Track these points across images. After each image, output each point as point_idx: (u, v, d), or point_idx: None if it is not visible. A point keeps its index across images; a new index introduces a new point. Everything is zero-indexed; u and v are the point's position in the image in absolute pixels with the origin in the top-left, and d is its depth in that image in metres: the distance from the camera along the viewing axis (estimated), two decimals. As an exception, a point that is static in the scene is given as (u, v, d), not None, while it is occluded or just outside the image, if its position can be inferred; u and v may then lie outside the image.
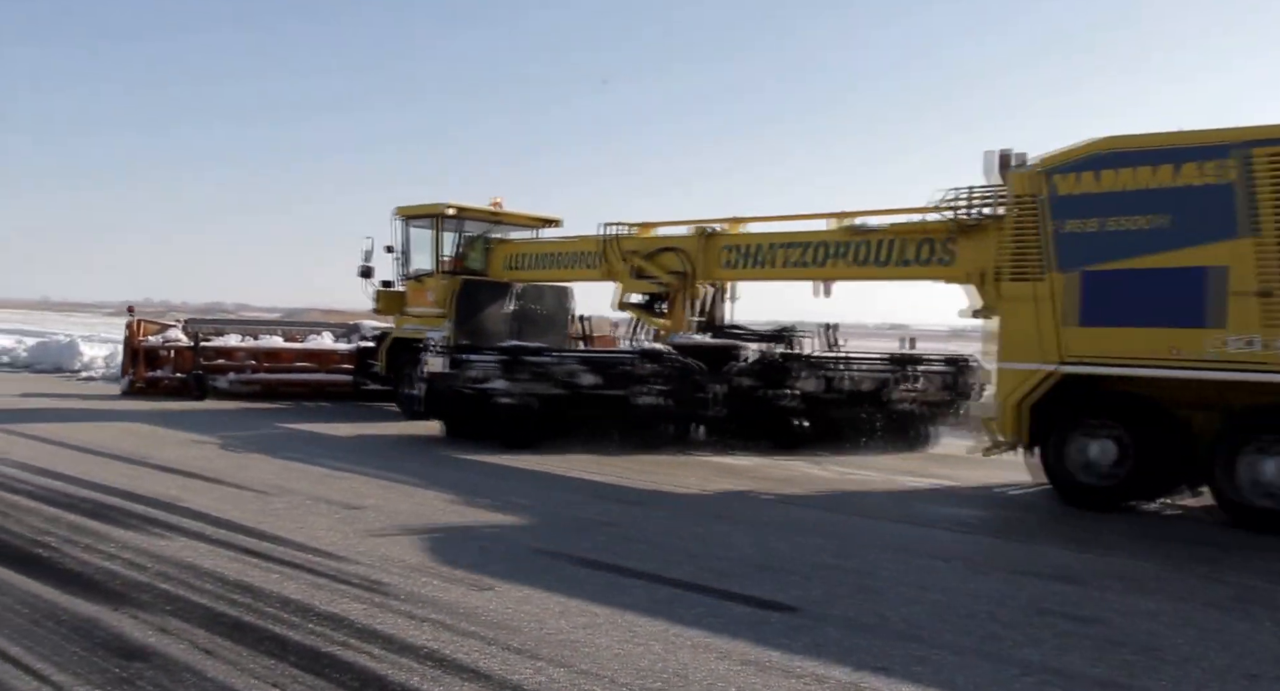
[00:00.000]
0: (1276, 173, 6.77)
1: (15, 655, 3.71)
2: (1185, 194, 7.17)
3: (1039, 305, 7.80)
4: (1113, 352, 7.49)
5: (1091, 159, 7.62)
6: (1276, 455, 6.85)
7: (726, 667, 3.87)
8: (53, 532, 5.61)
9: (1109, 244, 7.48)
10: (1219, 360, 6.98)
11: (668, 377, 10.47)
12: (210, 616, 4.24)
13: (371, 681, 3.59)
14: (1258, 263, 6.83)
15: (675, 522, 6.70)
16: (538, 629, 4.24)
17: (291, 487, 7.28)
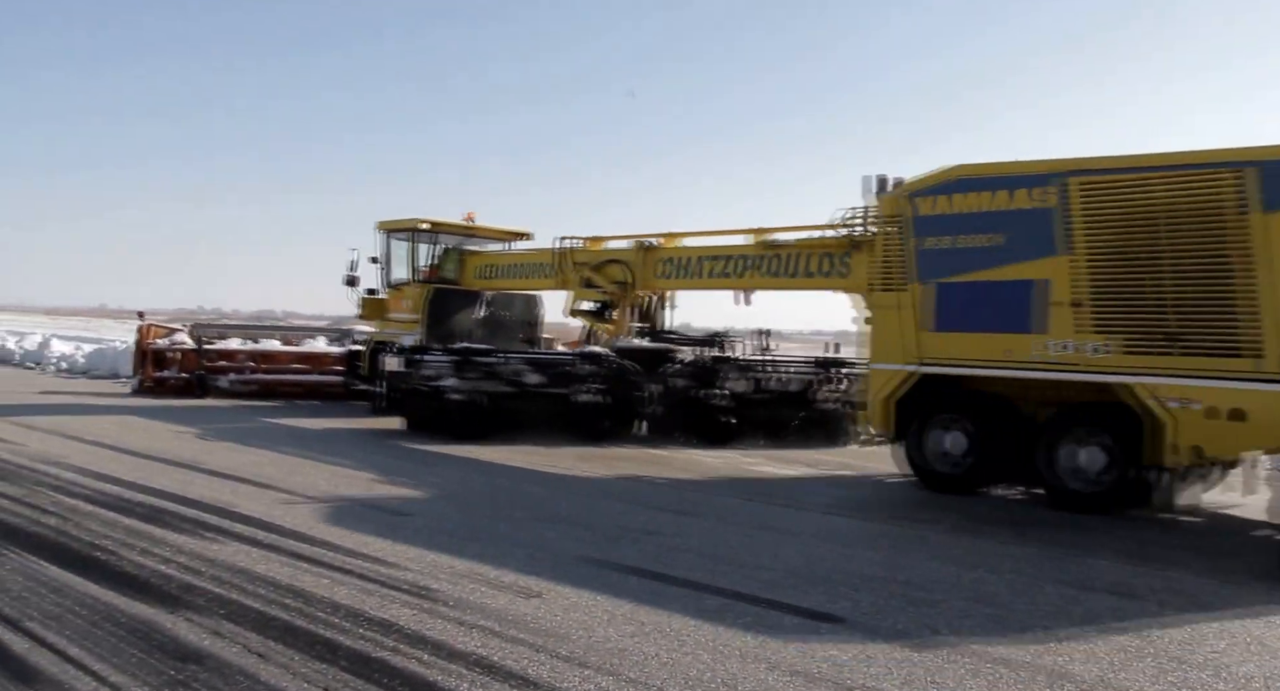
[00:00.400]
0: (1086, 199, 7.76)
1: (75, 656, 3.78)
2: (1017, 216, 8.12)
3: (902, 313, 8.78)
4: (961, 355, 8.45)
5: (946, 184, 8.58)
6: (1088, 445, 7.81)
7: (775, 678, 3.83)
8: (110, 536, 5.72)
9: (959, 259, 8.44)
10: (1042, 362, 7.96)
11: (605, 377, 11.61)
12: (263, 620, 4.29)
13: (421, 687, 3.61)
14: (1071, 277, 7.81)
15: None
16: (585, 636, 4.23)
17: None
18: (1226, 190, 7.26)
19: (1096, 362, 7.73)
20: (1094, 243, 7.78)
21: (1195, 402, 7.29)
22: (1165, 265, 7.50)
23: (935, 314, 8.60)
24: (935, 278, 8.60)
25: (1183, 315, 7.43)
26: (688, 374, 11.92)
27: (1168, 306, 7.50)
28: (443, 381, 11.44)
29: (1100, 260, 7.77)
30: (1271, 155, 7.15)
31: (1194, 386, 7.31)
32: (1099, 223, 7.77)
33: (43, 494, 6.91)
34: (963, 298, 8.46)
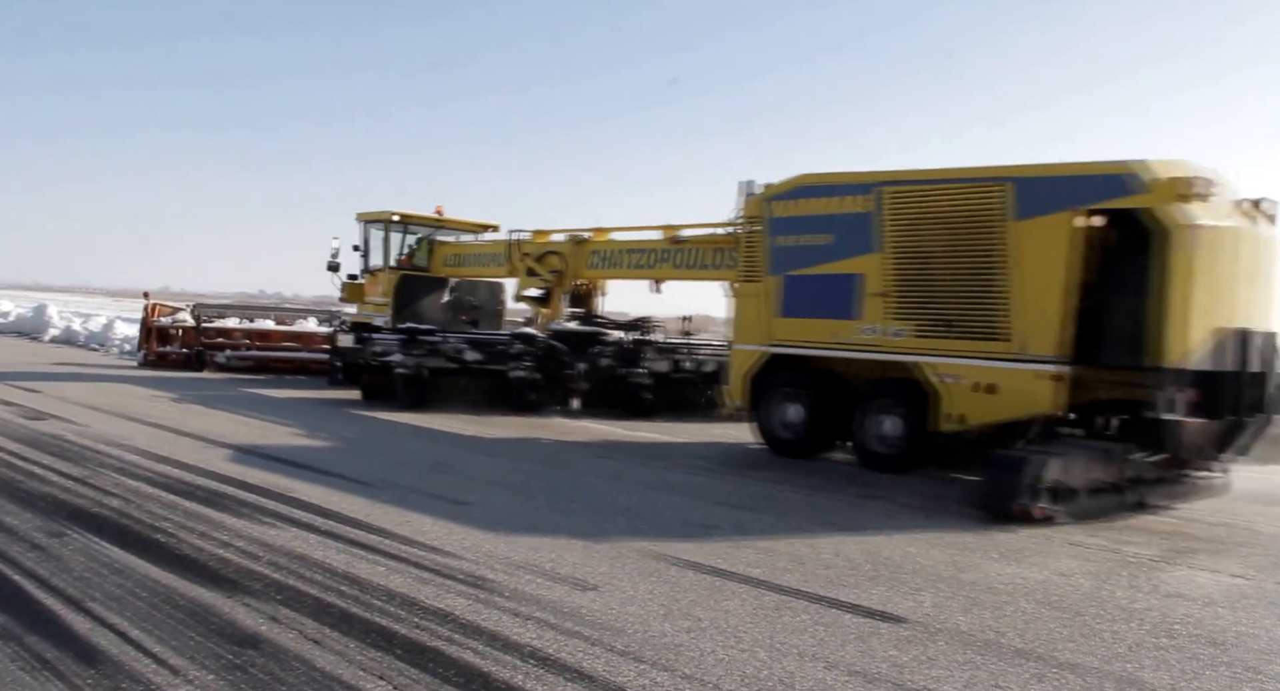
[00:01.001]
0: (893, 206, 9.02)
1: (135, 638, 3.81)
2: (845, 219, 9.38)
3: (759, 301, 10.05)
4: (801, 338, 9.76)
5: (795, 190, 9.86)
6: (889, 414, 9.09)
7: (834, 677, 3.73)
8: (170, 518, 5.79)
9: (802, 255, 9.73)
10: (858, 343, 9.26)
11: (537, 356, 12.97)
12: (319, 606, 4.29)
13: (476, 677, 3.57)
14: (881, 272, 9.08)
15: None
16: (642, 631, 4.16)
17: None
18: (993, 201, 8.46)
19: (896, 344, 9.02)
20: (897, 242, 9.03)
21: (963, 378, 8.56)
22: (946, 262, 8.77)
23: (783, 302, 9.90)
24: (784, 271, 9.88)
25: (957, 305, 8.68)
26: (613, 354, 13.19)
27: (947, 297, 8.76)
28: (391, 357, 12.88)
29: (901, 257, 9.02)
30: (1023, 173, 8.39)
31: (962, 365, 8.58)
32: (901, 226, 9.02)
33: (105, 475, 7.03)
34: (803, 288, 9.76)
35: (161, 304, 19.03)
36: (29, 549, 4.98)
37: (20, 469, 7.13)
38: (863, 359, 9.34)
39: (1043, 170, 8.40)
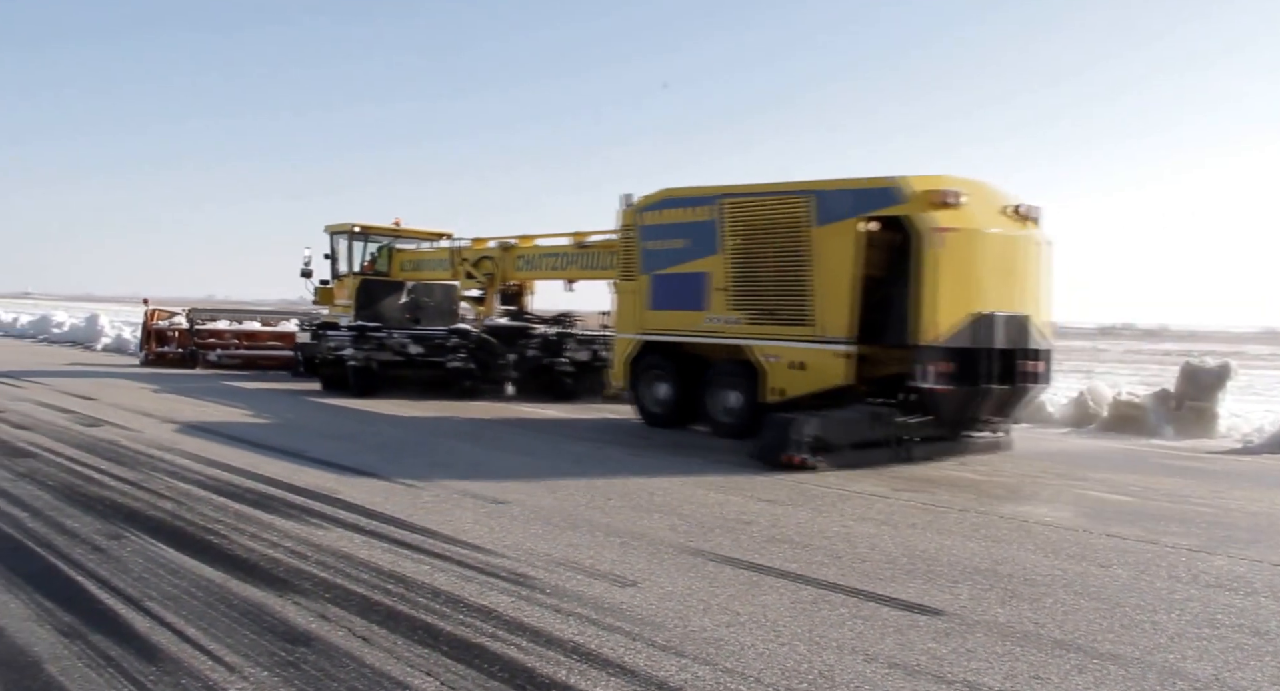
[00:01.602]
0: (730, 214, 10.64)
1: (192, 636, 3.94)
2: (697, 226, 10.98)
3: (634, 296, 11.72)
4: (666, 327, 11.41)
5: (661, 202, 11.48)
6: (732, 390, 10.75)
7: (874, 670, 3.77)
8: (222, 520, 5.96)
9: (665, 257, 11.34)
10: (707, 331, 10.89)
11: (470, 349, 14.82)
12: (366, 604, 4.41)
13: (520, 673, 3.65)
14: (723, 270, 10.72)
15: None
16: (681, 626, 4.23)
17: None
18: (799, 211, 10.04)
19: (733, 331, 10.67)
20: (732, 246, 10.66)
21: (781, 358, 10.18)
22: (767, 262, 10.39)
23: (651, 297, 11.53)
24: (652, 271, 11.50)
25: (775, 297, 10.28)
26: (538, 346, 15.09)
27: (768, 291, 10.36)
28: (343, 351, 14.73)
29: (735, 258, 10.64)
30: (821, 187, 9.91)
31: (780, 346, 10.21)
32: (735, 231, 10.64)
33: (159, 479, 7.24)
34: (667, 285, 11.36)
35: (160, 309, 21.27)
36: (90, 551, 5.17)
37: (80, 474, 7.37)
38: (710, 344, 11.00)
39: (835, 185, 9.92)
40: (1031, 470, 9.25)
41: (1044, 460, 10.01)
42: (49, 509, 6.14)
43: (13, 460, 7.86)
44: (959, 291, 9.22)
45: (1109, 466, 9.75)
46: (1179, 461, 10.34)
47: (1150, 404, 12.91)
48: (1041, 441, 11.84)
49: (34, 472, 7.35)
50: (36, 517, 5.90)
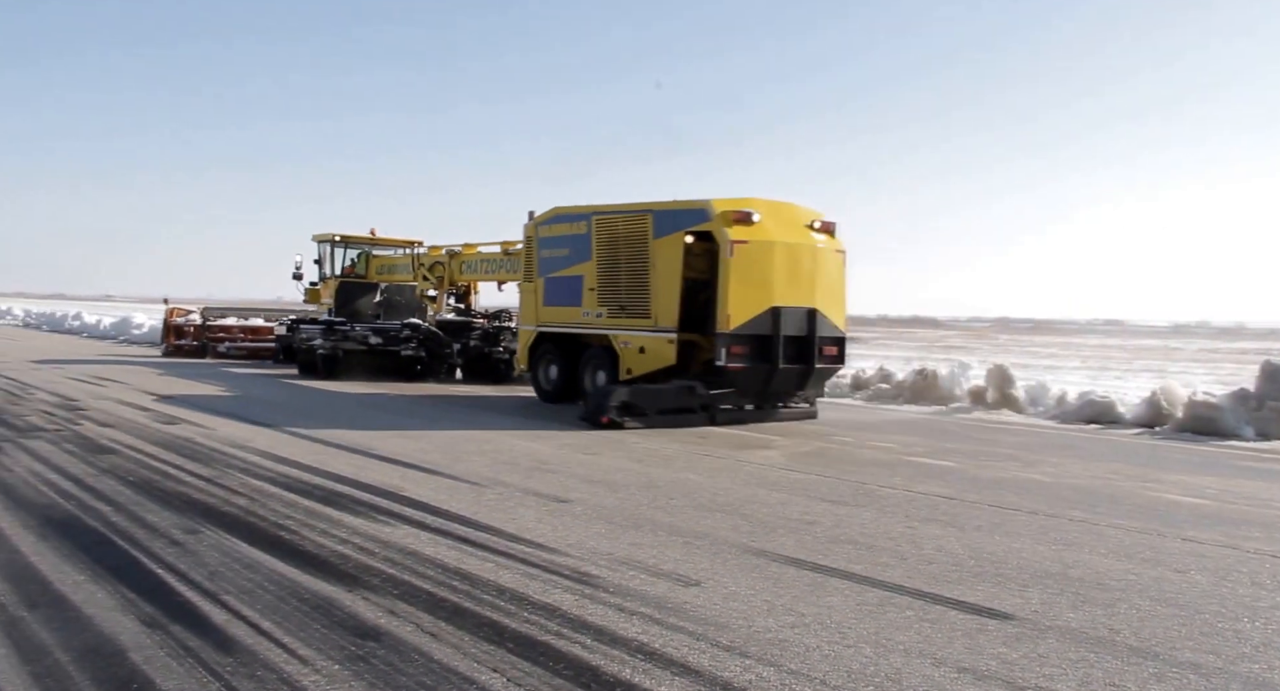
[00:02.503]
0: (597, 228, 13.00)
1: (267, 629, 4.05)
2: (575, 238, 13.38)
3: (533, 295, 14.19)
4: (555, 320, 13.82)
5: (552, 217, 13.89)
6: (600, 370, 13.03)
7: (943, 674, 3.71)
8: (293, 517, 6.11)
9: (554, 263, 13.78)
10: (583, 323, 13.24)
11: (421, 340, 17.67)
12: (433, 601, 4.48)
13: (585, 671, 3.68)
14: (593, 274, 13.03)
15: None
16: (745, 627, 4.22)
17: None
18: (643, 226, 12.46)
19: (599, 323, 13.01)
20: (599, 254, 13.02)
21: (631, 344, 12.50)
22: (621, 267, 12.74)
23: (545, 296, 13.98)
24: (545, 274, 13.97)
25: (626, 295, 12.63)
26: (479, 338, 17.96)
27: (622, 290, 12.69)
28: (314, 342, 17.79)
29: (601, 264, 13.00)
30: (658, 206, 12.37)
31: (629, 335, 12.54)
32: (601, 243, 13.02)
33: (232, 475, 7.45)
34: (556, 286, 13.77)
35: (178, 307, 24.60)
36: (168, 545, 5.34)
37: (158, 470, 7.61)
38: (585, 333, 13.38)
39: (666, 205, 12.31)
40: (1101, 472, 9.02)
41: (1116, 461, 9.76)
42: (130, 504, 6.36)
43: (96, 456, 8.16)
44: (752, 290, 11.55)
45: (1184, 468, 9.47)
46: (1260, 464, 10.00)
47: (1228, 404, 12.51)
48: (1112, 441, 11.55)
49: (115, 468, 7.62)
50: (119, 512, 6.12)
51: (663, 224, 12.24)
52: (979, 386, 15.26)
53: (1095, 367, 27.93)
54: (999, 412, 14.47)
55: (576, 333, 13.49)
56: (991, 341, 48.09)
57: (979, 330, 65.42)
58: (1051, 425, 13.44)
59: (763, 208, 11.96)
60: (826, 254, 12.34)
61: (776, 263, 11.75)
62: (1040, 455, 9.99)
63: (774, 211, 12.15)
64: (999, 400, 14.79)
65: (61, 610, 4.21)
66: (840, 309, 12.50)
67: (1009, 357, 23.17)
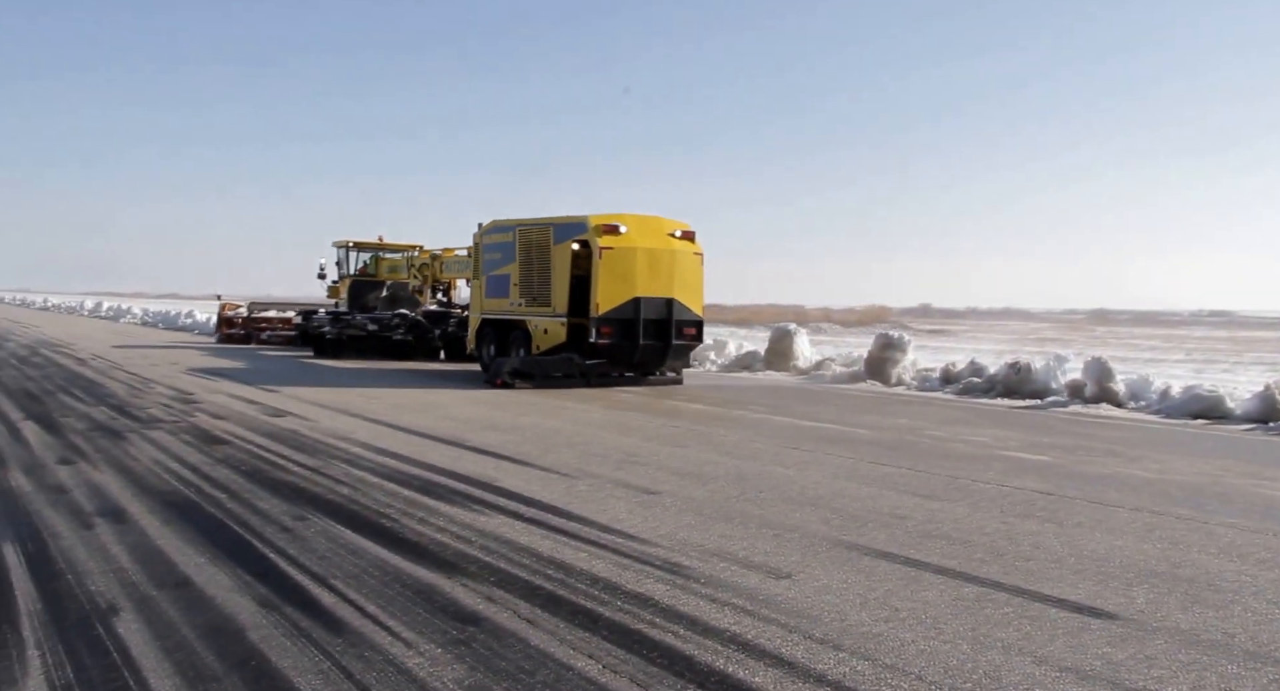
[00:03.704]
0: (520, 238, 16.39)
1: (372, 612, 4.21)
2: (505, 244, 16.79)
3: (479, 289, 17.65)
4: (493, 309, 17.19)
5: (491, 228, 17.30)
6: (520, 347, 16.28)
7: (1043, 672, 3.64)
8: (393, 505, 6.32)
9: (492, 264, 17.14)
10: (509, 311, 16.71)
11: (408, 328, 21.65)
12: (529, 589, 4.59)
13: (679, 660, 3.73)
14: (517, 273, 16.46)
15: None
16: (839, 620, 4.21)
17: None
18: (547, 235, 15.89)
19: (520, 311, 16.47)
20: (520, 257, 16.45)
21: (540, 326, 15.91)
22: (534, 268, 16.13)
23: (486, 290, 17.42)
24: (487, 273, 17.39)
25: (537, 289, 16.05)
26: (456, 325, 21.25)
27: (534, 285, 16.10)
28: (324, 329, 22.08)
29: (521, 265, 16.41)
30: (556, 221, 15.78)
31: (539, 319, 15.95)
32: (521, 248, 16.42)
33: (335, 466, 7.73)
34: (493, 282, 17.17)
35: (229, 302, 29.83)
36: (279, 531, 5.59)
37: (267, 460, 7.96)
38: (511, 319, 16.77)
39: (560, 220, 15.77)
40: (1209, 469, 8.67)
41: (1225, 458, 9.36)
42: (243, 491, 6.67)
43: (210, 447, 8.57)
44: (618, 284, 14.98)
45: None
46: (1385, 462, 9.46)
47: (1350, 399, 11.85)
48: (1221, 437, 11.07)
49: (229, 458, 7.99)
50: (233, 499, 6.43)
51: (559, 234, 15.72)
52: (1076, 380, 14.79)
53: (1201, 360, 26.75)
54: (1097, 407, 14.01)
55: (506, 318, 16.91)
56: (1088, 334, 46.44)
57: (1074, 322, 63.25)
58: (1155, 420, 12.96)
59: (632, 221, 15.39)
60: (684, 255, 15.71)
61: (639, 263, 15.15)
62: (1143, 450, 9.66)
63: (641, 223, 15.56)
64: (1098, 394, 14.31)
65: (186, 590, 4.46)
66: (697, 298, 15.85)
67: (1107, 350, 22.38)
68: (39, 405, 11.42)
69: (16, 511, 6.00)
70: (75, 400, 12.05)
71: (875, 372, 17.60)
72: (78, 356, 20.28)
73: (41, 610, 4.16)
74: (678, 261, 15.49)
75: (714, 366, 20.65)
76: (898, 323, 49.44)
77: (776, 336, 20.29)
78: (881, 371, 17.51)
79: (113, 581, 4.57)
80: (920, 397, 15.40)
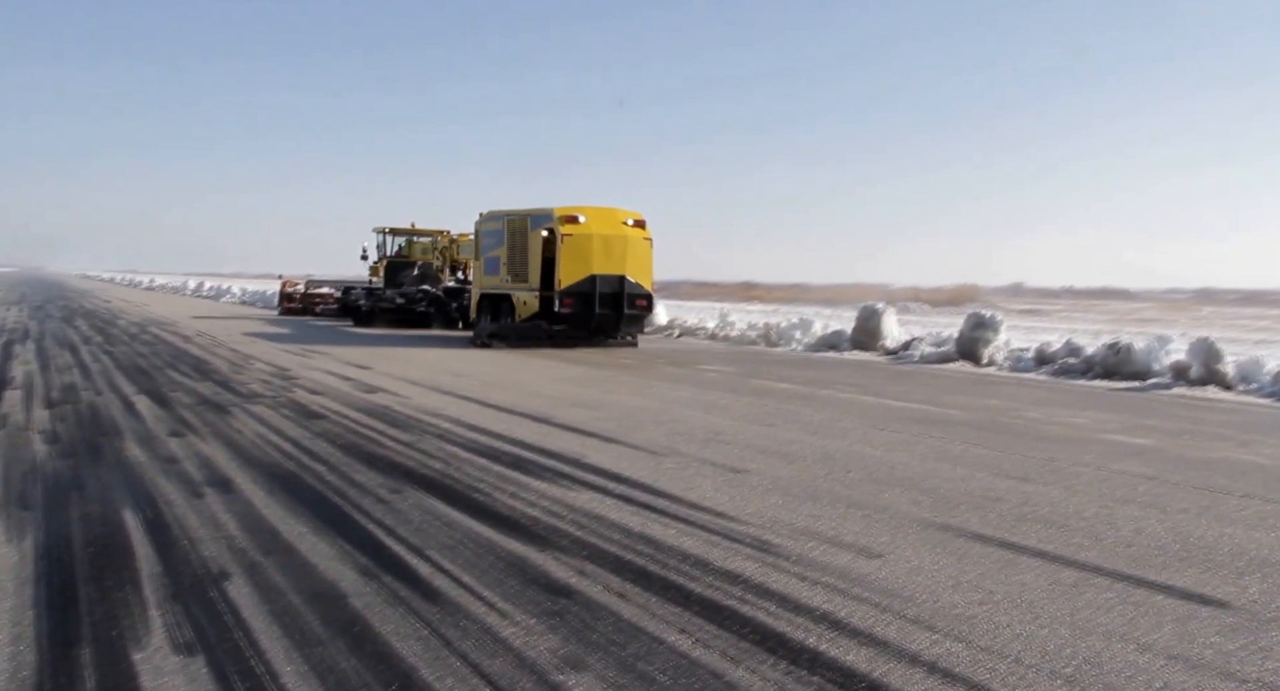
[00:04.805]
0: (508, 224, 19.70)
1: (468, 583, 4.32)
2: (496, 231, 20.03)
3: (479, 269, 21.07)
4: (489, 286, 20.37)
5: (487, 217, 20.70)
6: (508, 317, 19.32)
7: (1148, 661, 3.54)
8: (485, 480, 6.46)
9: (488, 248, 20.44)
10: (500, 286, 19.86)
11: (429, 301, 25.58)
12: (620, 563, 4.64)
13: (771, 637, 3.73)
14: (505, 255, 19.67)
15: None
16: (931, 601, 4.16)
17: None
18: (526, 223, 19.04)
19: (507, 286, 19.57)
20: (507, 242, 19.59)
21: (521, 298, 18.98)
22: (516, 250, 19.30)
23: (484, 270, 20.65)
24: (484, 254, 20.65)
25: (520, 269, 19.16)
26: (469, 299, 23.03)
27: (517, 265, 19.24)
28: (360, 302, 26.69)
29: (509, 248, 19.54)
30: (532, 212, 19.01)
31: (519, 293, 19.08)
32: (508, 234, 19.62)
33: (428, 441, 7.93)
34: (489, 263, 20.39)
35: (289, 279, 34.84)
36: (376, 503, 5.77)
37: (363, 435, 8.21)
38: (501, 293, 19.83)
39: (535, 211, 18.89)
40: (1330, 455, 8.23)
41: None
42: (341, 464, 6.90)
43: (309, 421, 8.88)
44: (577, 264, 18.06)
45: None
46: None
47: None
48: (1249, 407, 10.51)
49: (326, 432, 8.27)
50: (332, 471, 6.66)
51: (534, 223, 18.85)
52: (1181, 361, 14.18)
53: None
54: (1203, 390, 13.42)
55: (498, 293, 19.98)
56: (1192, 314, 44.47)
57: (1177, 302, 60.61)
58: (1268, 403, 12.36)
59: (590, 212, 18.52)
60: (635, 240, 18.70)
61: (595, 247, 18.21)
62: (1256, 435, 9.23)
63: (599, 214, 18.64)
64: (1204, 376, 13.70)
65: (291, 558, 4.65)
66: (647, 275, 18.80)
67: (1213, 331, 21.38)
68: (149, 380, 11.99)
69: (134, 480, 6.32)
70: (182, 375, 12.61)
71: (966, 353, 17.19)
72: (182, 334, 21.20)
73: (160, 573, 4.39)
74: (629, 245, 18.54)
75: (799, 346, 20.45)
76: (989, 302, 48.18)
77: (864, 316, 19.95)
78: (973, 351, 17.09)
79: (223, 547, 4.79)
80: (1013, 378, 14.98)
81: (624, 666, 3.45)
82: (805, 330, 21.01)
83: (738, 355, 18.58)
